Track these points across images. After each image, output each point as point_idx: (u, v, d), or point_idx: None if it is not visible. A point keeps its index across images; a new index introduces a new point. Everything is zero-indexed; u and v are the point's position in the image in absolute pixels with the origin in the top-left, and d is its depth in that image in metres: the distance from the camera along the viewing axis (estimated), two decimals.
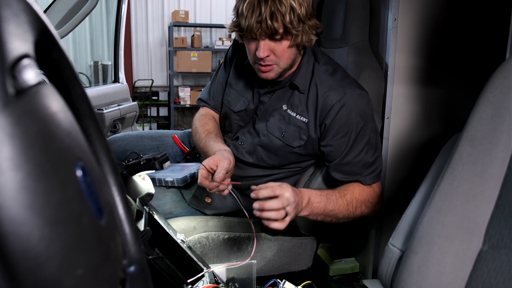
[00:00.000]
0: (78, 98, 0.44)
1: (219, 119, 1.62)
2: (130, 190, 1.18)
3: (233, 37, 1.45)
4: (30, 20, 0.34)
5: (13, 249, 0.26)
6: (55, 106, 0.34)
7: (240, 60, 1.53)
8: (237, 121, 1.51)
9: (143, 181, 1.22)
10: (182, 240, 1.16)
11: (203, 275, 1.09)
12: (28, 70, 0.32)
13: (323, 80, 1.36)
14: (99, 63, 5.10)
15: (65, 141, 0.33)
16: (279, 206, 1.07)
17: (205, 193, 1.50)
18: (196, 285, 1.05)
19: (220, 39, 5.99)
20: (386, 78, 1.56)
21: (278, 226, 1.10)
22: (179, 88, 6.03)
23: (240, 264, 1.38)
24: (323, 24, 1.73)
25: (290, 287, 1.11)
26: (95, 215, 0.35)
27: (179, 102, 6.01)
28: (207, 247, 1.42)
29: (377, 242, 1.69)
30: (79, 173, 0.34)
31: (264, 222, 1.11)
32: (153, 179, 1.51)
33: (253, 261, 1.45)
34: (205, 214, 1.49)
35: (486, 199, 0.73)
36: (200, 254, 1.39)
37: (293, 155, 1.42)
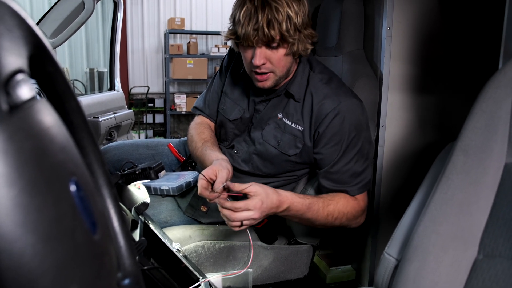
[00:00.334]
0: (73, 111, 0.44)
1: (215, 128, 1.62)
2: (126, 200, 1.18)
3: (229, 45, 1.46)
4: (24, 35, 0.34)
5: (6, 266, 0.26)
6: (49, 121, 0.34)
7: (236, 69, 1.53)
8: (233, 130, 1.51)
9: (139, 191, 1.22)
10: (178, 249, 1.15)
11: (199, 285, 1.08)
12: (22, 86, 0.32)
13: (318, 89, 1.37)
14: (95, 70, 5.10)
15: (59, 156, 0.33)
16: (245, 215, 1.15)
17: (201, 202, 1.50)
18: None
19: (216, 46, 6.01)
20: (381, 86, 1.56)
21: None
22: (175, 95, 6.03)
23: (237, 274, 1.38)
24: (318, 33, 1.74)
25: None
26: (89, 230, 0.35)
27: (175, 109, 6.01)
28: (203, 256, 1.42)
29: (373, 250, 1.69)
30: (73, 188, 0.34)
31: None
32: (149, 188, 1.50)
33: (249, 270, 1.45)
34: (201, 223, 1.49)
35: (481, 208, 0.73)
36: (196, 263, 1.38)
37: (289, 164, 1.42)
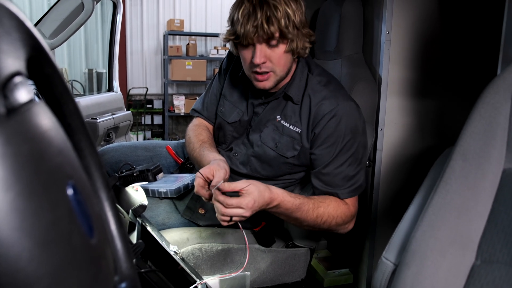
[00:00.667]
0: (70, 113, 0.44)
1: (213, 130, 1.62)
2: (123, 202, 1.18)
3: (228, 47, 1.46)
4: (22, 37, 0.34)
5: (2, 271, 0.26)
6: (47, 124, 0.34)
7: (235, 72, 1.54)
8: (231, 132, 1.51)
9: (136, 193, 1.21)
10: (175, 252, 1.15)
11: (196, 287, 1.08)
12: (20, 88, 0.31)
13: (317, 91, 1.37)
14: (94, 71, 5.10)
15: (56, 160, 0.33)
16: (235, 212, 1.13)
17: (199, 204, 1.50)
18: None
19: (215, 48, 6.01)
20: (380, 90, 1.56)
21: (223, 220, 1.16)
22: (174, 97, 6.03)
23: (233, 276, 1.37)
24: (317, 37, 1.75)
25: None
26: (86, 234, 0.35)
27: (174, 111, 6.00)
28: (200, 259, 1.41)
29: (371, 254, 1.69)
30: (70, 192, 0.34)
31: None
32: (146, 190, 1.50)
33: (247, 273, 1.44)
34: (199, 225, 1.49)
35: (479, 213, 0.73)
36: (193, 266, 1.38)
37: (287, 166, 1.42)
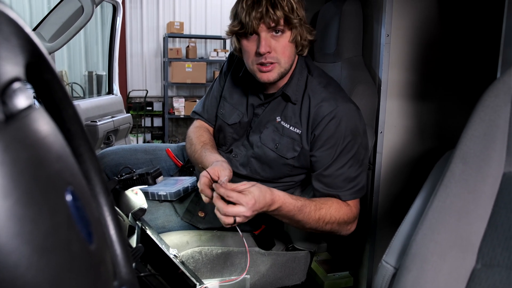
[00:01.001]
0: (70, 119, 0.44)
1: (214, 132, 1.62)
2: (123, 205, 1.18)
3: (228, 49, 1.47)
4: (21, 43, 0.34)
5: (1, 278, 0.26)
6: (46, 130, 0.34)
7: (235, 73, 1.54)
8: (231, 134, 1.52)
9: (136, 196, 1.21)
10: (175, 255, 1.15)
11: None
12: (18, 94, 0.31)
13: (316, 92, 1.37)
14: (94, 73, 5.10)
15: (55, 166, 0.33)
16: (236, 211, 1.10)
17: (198, 208, 1.50)
18: None
19: (215, 50, 6.01)
20: (379, 93, 1.56)
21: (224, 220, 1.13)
22: (174, 99, 6.04)
23: (234, 281, 1.37)
24: (317, 39, 1.75)
25: None
26: (85, 240, 0.35)
27: (174, 113, 6.01)
28: (200, 262, 1.41)
29: (371, 257, 1.68)
30: (69, 198, 0.33)
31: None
32: (146, 193, 1.50)
33: (247, 276, 1.44)
34: (198, 229, 1.48)
35: (479, 217, 0.73)
36: (193, 269, 1.38)
37: (287, 167, 1.42)
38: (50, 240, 0.29)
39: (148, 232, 1.15)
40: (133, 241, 1.07)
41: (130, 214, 1.17)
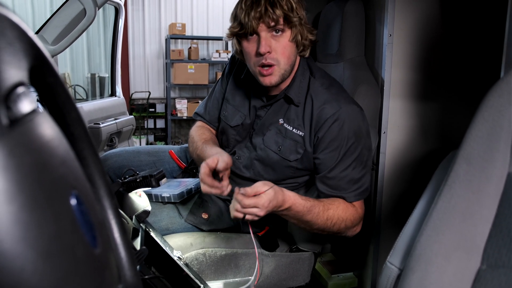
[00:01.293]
0: (73, 122, 0.44)
1: (216, 135, 1.63)
2: (127, 208, 1.18)
3: (230, 49, 1.48)
4: (25, 48, 0.34)
5: (6, 283, 0.26)
6: (49, 134, 0.34)
7: (237, 75, 1.54)
8: (234, 136, 1.52)
9: (140, 198, 1.21)
10: (179, 257, 1.15)
11: None
12: (22, 99, 0.31)
13: (319, 94, 1.37)
14: (96, 75, 5.11)
15: (59, 170, 0.33)
16: (251, 211, 1.12)
17: (202, 209, 1.50)
18: None
19: (217, 51, 6.02)
20: (382, 93, 1.56)
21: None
22: (176, 100, 6.05)
23: (238, 281, 1.37)
24: (319, 40, 1.74)
25: None
26: (89, 244, 0.35)
27: (176, 114, 6.02)
28: (204, 264, 1.41)
29: (375, 257, 1.68)
30: (73, 202, 0.33)
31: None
32: (150, 195, 1.50)
33: (251, 278, 1.44)
34: (202, 230, 1.48)
35: (484, 218, 0.73)
36: (197, 271, 1.38)
37: (290, 169, 1.42)
38: (55, 245, 0.29)
39: (152, 234, 1.16)
40: (137, 244, 1.07)
41: (134, 216, 1.17)
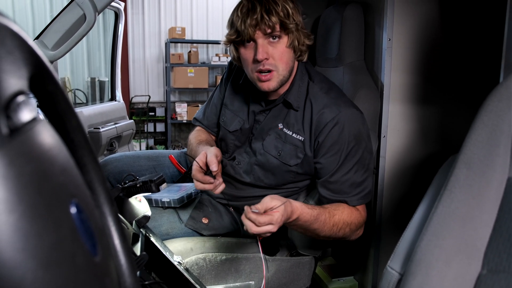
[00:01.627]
0: (73, 129, 0.44)
1: (216, 141, 1.64)
2: (126, 213, 1.17)
3: (230, 53, 1.48)
4: (25, 56, 0.34)
5: None
6: (50, 142, 0.34)
7: (236, 80, 1.54)
8: (233, 141, 1.52)
9: (140, 204, 1.21)
10: (179, 262, 1.15)
11: None
12: (22, 108, 0.31)
13: (318, 98, 1.37)
14: (96, 80, 5.11)
15: (60, 179, 0.33)
16: (266, 229, 1.09)
17: (202, 214, 1.50)
18: None
19: (217, 55, 6.03)
20: (382, 97, 1.56)
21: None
22: (176, 104, 6.05)
23: (239, 285, 1.37)
24: (319, 44, 1.75)
25: None
26: (90, 252, 0.34)
27: (176, 118, 6.02)
28: (205, 269, 1.41)
29: (376, 262, 1.68)
30: (73, 210, 0.33)
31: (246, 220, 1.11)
32: (150, 200, 1.50)
33: (251, 282, 1.44)
34: (202, 235, 1.48)
35: (484, 222, 0.73)
36: (198, 276, 1.37)
37: (290, 174, 1.42)
38: (55, 254, 0.29)
39: (152, 239, 1.15)
40: (137, 249, 1.07)
41: (134, 222, 1.17)
